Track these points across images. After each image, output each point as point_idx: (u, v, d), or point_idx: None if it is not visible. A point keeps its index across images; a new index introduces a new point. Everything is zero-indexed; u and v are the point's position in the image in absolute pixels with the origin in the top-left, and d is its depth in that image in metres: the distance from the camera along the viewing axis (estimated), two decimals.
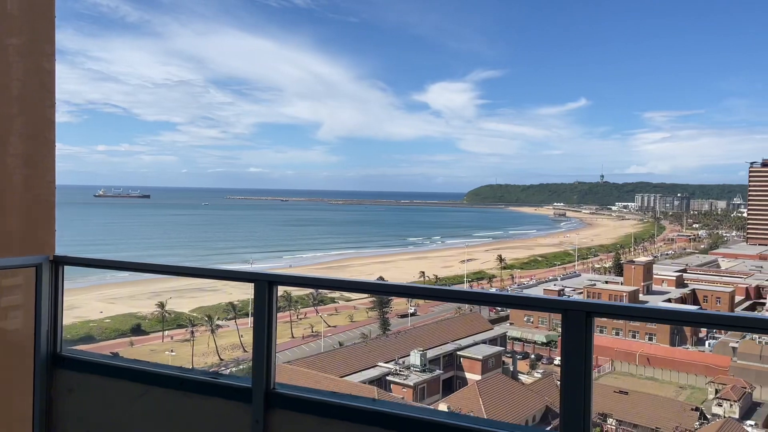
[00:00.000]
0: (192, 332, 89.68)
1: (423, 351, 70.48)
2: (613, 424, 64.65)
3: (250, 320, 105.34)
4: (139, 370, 4.29)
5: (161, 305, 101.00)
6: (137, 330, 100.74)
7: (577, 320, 2.69)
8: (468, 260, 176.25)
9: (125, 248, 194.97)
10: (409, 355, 70.57)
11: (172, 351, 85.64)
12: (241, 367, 73.05)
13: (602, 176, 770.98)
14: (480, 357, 74.49)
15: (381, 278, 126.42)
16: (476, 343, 79.99)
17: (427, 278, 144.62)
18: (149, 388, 4.18)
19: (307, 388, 3.80)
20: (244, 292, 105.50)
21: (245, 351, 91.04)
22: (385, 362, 69.85)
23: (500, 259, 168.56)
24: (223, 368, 78.85)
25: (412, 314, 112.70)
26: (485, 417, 56.91)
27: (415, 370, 68.11)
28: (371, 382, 63.47)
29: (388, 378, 66.63)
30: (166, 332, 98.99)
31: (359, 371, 66.66)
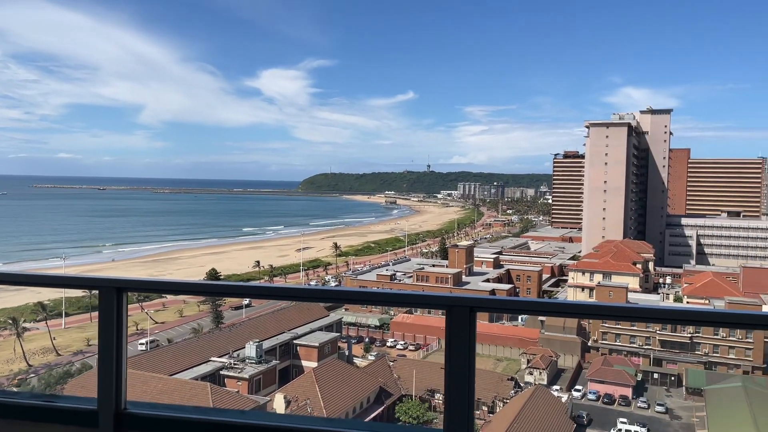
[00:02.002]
0: None
1: (259, 342, 69.35)
2: (440, 398, 68.95)
3: (63, 321, 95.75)
4: None
5: None
6: None
7: (462, 316, 2.74)
8: (304, 249, 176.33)
9: None
10: (244, 348, 69.02)
11: None
12: (53, 372, 66.02)
13: (429, 166, 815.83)
14: (316, 344, 75.10)
15: (214, 270, 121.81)
16: (312, 331, 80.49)
17: (262, 268, 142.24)
18: None
19: (166, 404, 3.29)
20: (56, 290, 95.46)
21: (59, 354, 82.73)
22: (219, 356, 67.66)
23: (335, 246, 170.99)
24: (32, 375, 70.85)
25: (247, 306, 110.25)
26: (322, 404, 57.50)
27: (251, 362, 66.80)
28: (204, 378, 61.11)
29: (222, 372, 64.62)
30: None
31: (190, 368, 63.87)
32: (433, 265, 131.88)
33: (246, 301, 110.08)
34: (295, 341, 76.11)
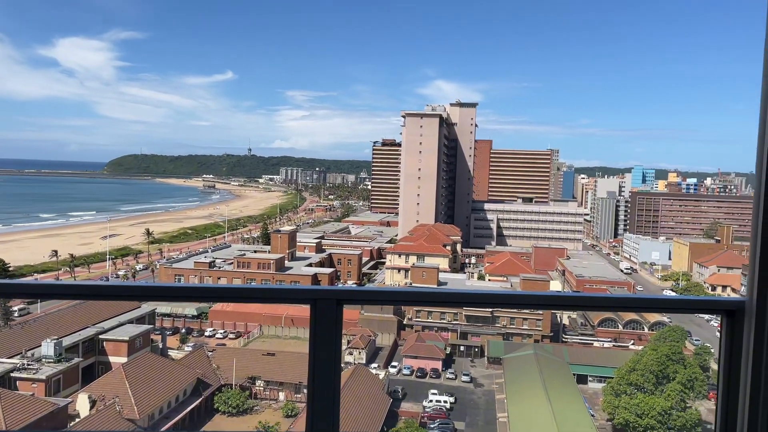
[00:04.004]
0: None
1: (57, 339, 62.72)
2: (262, 385, 68.32)
3: None
4: None
5: None
6: None
7: (328, 309, 2.64)
8: (111, 236, 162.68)
9: None
10: (40, 346, 61.96)
11: None
12: None
13: (250, 149, 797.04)
14: (126, 338, 69.92)
15: (1, 261, 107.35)
16: (122, 324, 74.74)
17: (60, 258, 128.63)
18: None
19: None
20: None
21: None
22: (9, 357, 60.00)
23: (148, 233, 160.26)
24: None
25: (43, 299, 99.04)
26: (132, 401, 53.94)
27: (48, 362, 60.25)
28: None
29: (13, 375, 57.44)
30: None
31: None
32: (255, 251, 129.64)
33: None
34: (101, 336, 70.11)
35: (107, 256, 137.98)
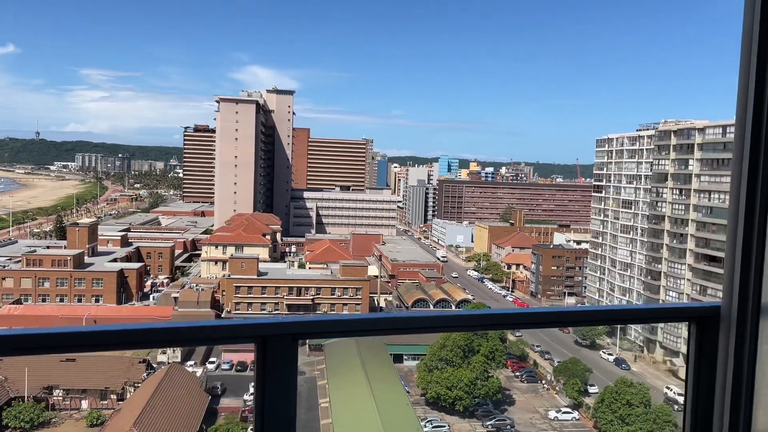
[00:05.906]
0: None
1: None
2: (61, 394, 61.64)
3: None
4: None
5: None
6: None
7: (282, 347, 2.18)
8: None
9: None
10: None
11: None
12: None
13: (38, 133, 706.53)
14: None
15: None
16: None
17: None
18: None
19: None
20: None
21: None
22: None
23: None
24: None
25: None
26: None
27: None
28: None
29: None
30: None
31: None
32: (48, 247, 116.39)
33: None
34: None
35: None
